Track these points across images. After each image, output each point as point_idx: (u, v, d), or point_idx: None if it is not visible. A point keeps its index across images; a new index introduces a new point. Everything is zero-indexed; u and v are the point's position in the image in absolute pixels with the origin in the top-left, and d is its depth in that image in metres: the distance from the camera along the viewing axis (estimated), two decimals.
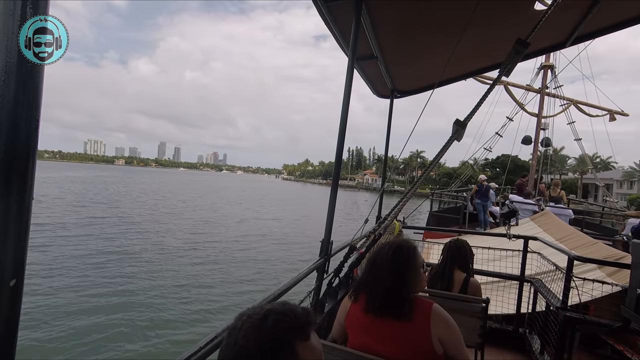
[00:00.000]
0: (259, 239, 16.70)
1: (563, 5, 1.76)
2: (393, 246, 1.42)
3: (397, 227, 4.21)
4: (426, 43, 2.90)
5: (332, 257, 2.35)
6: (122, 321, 7.15)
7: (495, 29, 2.53)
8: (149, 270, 10.63)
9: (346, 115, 2.26)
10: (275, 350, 0.63)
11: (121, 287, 9.05)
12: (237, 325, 0.66)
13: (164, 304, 8.24)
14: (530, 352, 3.00)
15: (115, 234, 15.46)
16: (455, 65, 3.06)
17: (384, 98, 4.18)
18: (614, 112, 13.38)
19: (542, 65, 12.73)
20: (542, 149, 13.18)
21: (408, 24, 2.61)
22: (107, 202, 27.84)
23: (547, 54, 10.72)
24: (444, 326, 1.28)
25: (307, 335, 0.68)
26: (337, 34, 2.60)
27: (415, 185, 2.37)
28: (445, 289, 2.52)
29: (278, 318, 0.66)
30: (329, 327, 2.12)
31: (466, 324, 2.12)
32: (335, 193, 2.30)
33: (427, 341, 1.26)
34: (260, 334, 0.64)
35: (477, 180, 9.58)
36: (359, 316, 1.38)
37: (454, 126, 2.19)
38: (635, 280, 1.88)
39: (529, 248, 3.34)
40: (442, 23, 2.51)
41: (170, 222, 20.26)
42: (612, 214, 11.56)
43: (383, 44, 2.87)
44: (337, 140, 2.28)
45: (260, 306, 0.70)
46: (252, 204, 32.67)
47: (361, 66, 3.37)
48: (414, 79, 3.77)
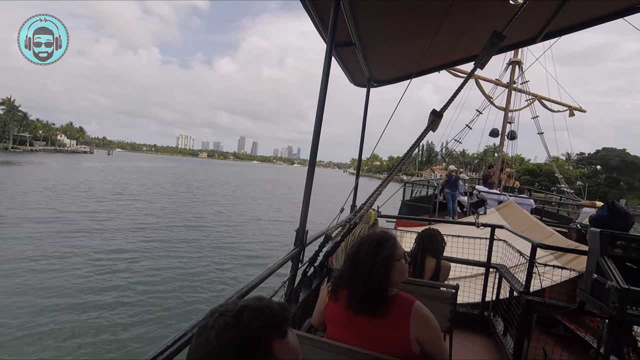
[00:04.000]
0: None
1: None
2: (374, 241, 1.39)
3: (372, 216, 4.26)
4: (404, 32, 2.89)
5: (307, 247, 2.35)
6: (80, 322, 6.74)
7: (472, 21, 2.56)
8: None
9: (323, 102, 2.21)
10: (250, 349, 0.60)
11: (71, 286, 8.50)
12: (209, 323, 0.62)
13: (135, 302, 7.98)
14: (494, 334, 3.17)
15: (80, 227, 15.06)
16: (433, 56, 3.08)
17: (360, 87, 4.15)
18: (573, 108, 14.21)
19: (510, 60, 13.22)
20: (508, 141, 13.79)
21: (387, 12, 2.58)
22: (122, 192, 27.67)
23: (519, 48, 11.11)
24: (424, 326, 1.26)
25: (284, 333, 0.65)
26: (316, 18, 2.53)
27: (391, 175, 2.38)
28: (418, 276, 2.60)
29: (253, 315, 0.62)
30: (304, 316, 2.12)
31: (437, 310, 2.19)
32: (310, 181, 2.26)
33: (404, 340, 1.25)
34: (235, 332, 0.60)
35: (447, 171, 9.90)
36: (338, 311, 1.36)
37: (430, 116, 2.21)
38: (591, 266, 2.00)
39: (495, 236, 3.50)
40: (420, 13, 2.50)
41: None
42: (568, 204, 12.38)
43: (362, 31, 2.82)
44: (314, 127, 2.24)
45: (234, 302, 0.66)
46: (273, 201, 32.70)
47: (339, 53, 3.31)
48: (391, 68, 3.77)
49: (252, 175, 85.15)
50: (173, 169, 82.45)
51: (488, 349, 3.06)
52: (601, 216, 3.20)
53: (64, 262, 9.68)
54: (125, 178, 40.15)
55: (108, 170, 50.68)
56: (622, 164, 54.06)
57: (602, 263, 1.88)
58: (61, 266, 9.34)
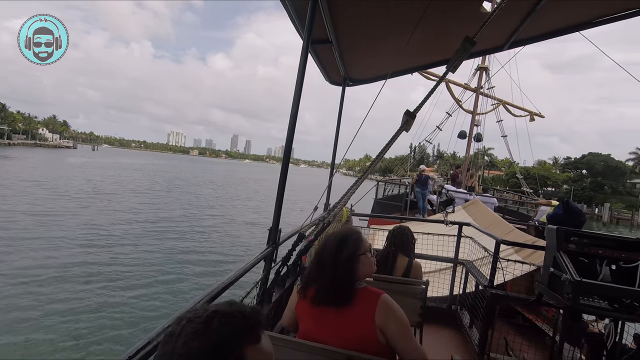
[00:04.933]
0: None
1: (505, 8, 1.89)
2: (338, 237, 1.43)
3: (344, 214, 4.33)
4: (380, 33, 2.93)
5: (281, 246, 2.32)
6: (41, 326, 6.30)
7: (446, 26, 2.65)
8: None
9: (298, 100, 2.20)
10: (221, 357, 0.56)
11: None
12: (175, 330, 0.58)
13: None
14: (461, 327, 3.32)
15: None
16: (407, 57, 3.16)
17: (336, 85, 4.18)
18: (534, 114, 15.10)
19: (479, 66, 13.84)
20: (475, 143, 14.46)
21: (364, 12, 2.61)
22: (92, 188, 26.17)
23: (487, 55, 11.63)
24: (388, 316, 1.28)
25: (257, 338, 0.62)
26: (293, 14, 2.52)
27: (365, 175, 2.42)
28: (389, 274, 2.67)
29: (224, 321, 0.59)
30: (277, 316, 2.10)
31: (408, 305, 2.27)
32: (284, 180, 2.24)
33: (370, 330, 1.27)
34: (204, 339, 0.56)
35: (418, 170, 10.22)
36: (308, 308, 1.38)
37: (404, 117, 2.27)
38: (548, 260, 2.15)
39: (462, 233, 3.67)
40: (396, 15, 2.56)
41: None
42: (528, 202, 13.18)
43: (339, 29, 2.84)
44: (288, 125, 2.22)
45: (204, 307, 0.62)
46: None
47: (315, 50, 3.31)
48: (367, 68, 3.82)
49: (240, 174, 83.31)
50: (158, 166, 79.15)
51: (456, 342, 3.20)
52: (557, 214, 3.44)
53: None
54: (101, 175, 37.74)
55: (86, 167, 47.88)
56: (607, 168, 54.46)
57: (558, 258, 2.02)
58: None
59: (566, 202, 3.43)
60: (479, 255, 3.46)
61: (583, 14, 2.50)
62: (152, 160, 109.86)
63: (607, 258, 1.96)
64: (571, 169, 61.92)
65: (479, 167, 17.37)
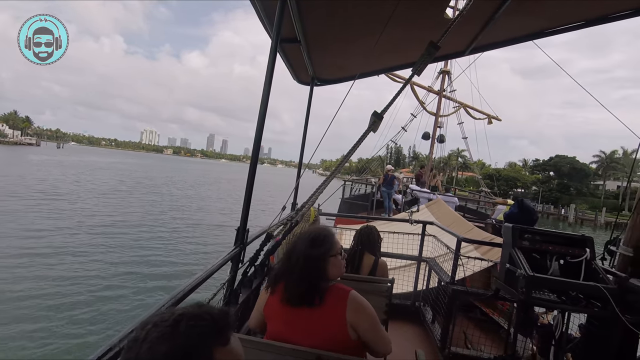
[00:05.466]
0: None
1: (467, 16, 1.96)
2: (310, 236, 1.43)
3: (312, 214, 4.32)
4: (348, 34, 2.95)
5: (248, 246, 2.28)
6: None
7: (412, 30, 2.72)
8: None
9: (267, 99, 2.18)
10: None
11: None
12: (140, 335, 0.55)
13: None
14: (424, 322, 3.44)
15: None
16: (375, 59, 3.21)
17: (304, 85, 4.16)
18: (491, 117, 16.00)
19: (441, 70, 14.41)
20: (438, 144, 15.06)
21: (333, 13, 2.61)
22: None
23: (449, 59, 12.15)
24: (358, 312, 1.31)
25: (226, 340, 0.61)
26: (262, 12, 2.48)
27: (332, 176, 2.42)
28: (356, 272, 2.70)
29: (192, 323, 0.57)
30: (243, 318, 2.06)
31: (374, 303, 2.29)
32: (252, 180, 2.21)
33: (342, 327, 1.29)
34: (171, 343, 0.54)
35: (384, 170, 10.46)
36: (277, 307, 1.37)
37: (372, 118, 2.29)
38: (505, 257, 2.28)
39: (426, 232, 3.79)
40: (364, 17, 2.58)
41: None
42: (486, 201, 13.94)
43: (307, 29, 2.82)
44: (257, 124, 2.21)
45: (170, 311, 0.60)
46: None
47: (283, 49, 3.28)
48: (335, 68, 3.83)
49: (214, 173, 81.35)
50: (127, 165, 76.87)
51: (419, 337, 3.30)
52: (513, 213, 3.65)
53: None
54: (60, 174, 35.04)
55: (44, 165, 44.88)
56: (573, 170, 56.37)
57: (513, 254, 2.14)
58: None
59: (521, 201, 3.65)
60: (440, 252, 3.59)
61: (536, 25, 2.67)
62: (122, 159, 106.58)
63: (556, 254, 2.10)
64: (540, 170, 63.53)
65: (452, 168, 18.19)
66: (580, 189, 56.00)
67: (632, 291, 1.97)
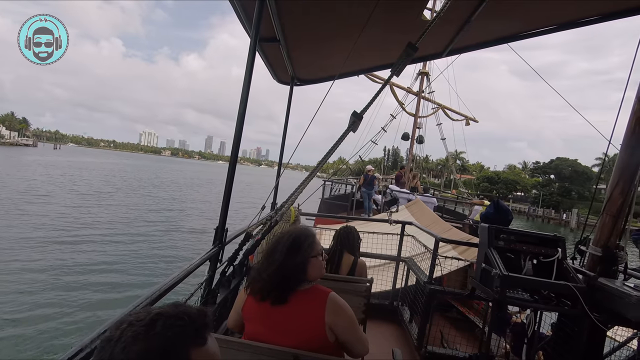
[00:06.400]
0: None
1: (444, 18, 1.97)
2: (292, 236, 1.41)
3: (292, 214, 4.27)
4: (328, 34, 2.93)
5: (227, 246, 2.24)
6: None
7: (390, 31, 2.72)
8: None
9: (246, 99, 2.15)
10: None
11: None
12: (114, 335, 0.53)
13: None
14: (401, 322, 3.45)
15: None
16: (354, 60, 3.19)
17: (284, 84, 4.10)
18: (469, 118, 16.44)
19: (420, 71, 14.65)
20: (417, 144, 15.31)
21: (311, 12, 2.59)
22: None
23: (427, 61, 12.36)
24: (337, 314, 1.31)
25: (203, 340, 0.59)
26: (241, 11, 2.43)
27: (312, 175, 2.38)
28: (335, 272, 2.68)
29: (169, 323, 0.55)
30: (221, 318, 2.02)
31: (352, 303, 2.27)
32: (231, 178, 2.17)
33: (320, 328, 1.28)
34: (146, 344, 0.52)
35: (365, 170, 10.52)
36: (255, 306, 1.35)
37: (351, 118, 2.27)
38: (481, 256, 2.31)
39: (405, 232, 3.82)
40: (344, 17, 2.57)
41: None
42: (463, 202, 14.30)
43: (286, 28, 2.79)
44: (236, 124, 2.16)
45: (146, 310, 0.58)
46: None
47: (263, 49, 3.22)
48: (315, 68, 3.80)
49: (209, 175, 79.59)
50: (121, 165, 75.83)
51: (396, 336, 3.32)
52: (489, 213, 3.72)
53: None
54: (46, 174, 33.30)
55: (33, 165, 43.44)
56: (574, 173, 54.23)
57: (489, 253, 2.17)
58: None
59: (496, 201, 3.73)
60: (418, 252, 3.62)
61: (511, 28, 2.74)
62: (117, 160, 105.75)
63: (530, 253, 2.15)
64: (540, 173, 61.20)
65: (450, 170, 18.58)
66: (582, 192, 53.49)
67: (600, 290, 2.04)
